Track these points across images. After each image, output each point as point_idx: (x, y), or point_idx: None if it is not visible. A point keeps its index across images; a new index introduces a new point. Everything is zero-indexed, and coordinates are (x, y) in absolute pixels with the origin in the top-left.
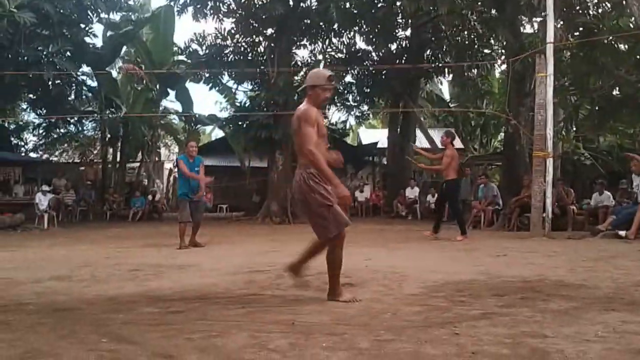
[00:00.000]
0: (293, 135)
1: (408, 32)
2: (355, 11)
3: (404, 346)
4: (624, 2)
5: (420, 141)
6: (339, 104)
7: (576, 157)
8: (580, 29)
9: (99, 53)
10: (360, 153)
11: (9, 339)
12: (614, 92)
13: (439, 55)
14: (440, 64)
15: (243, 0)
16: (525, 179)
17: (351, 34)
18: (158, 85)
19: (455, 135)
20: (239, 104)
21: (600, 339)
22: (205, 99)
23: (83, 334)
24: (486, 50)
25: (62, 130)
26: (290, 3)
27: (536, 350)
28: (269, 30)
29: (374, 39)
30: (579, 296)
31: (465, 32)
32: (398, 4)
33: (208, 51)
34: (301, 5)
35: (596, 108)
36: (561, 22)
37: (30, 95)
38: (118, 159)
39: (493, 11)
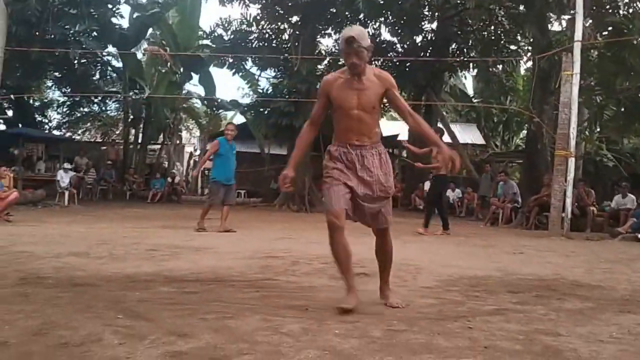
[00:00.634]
0: None
1: (434, 25)
2: (382, 2)
3: (416, 337)
4: None
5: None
6: None
7: (598, 158)
8: (610, 28)
9: (124, 34)
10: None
11: (27, 310)
12: None
13: (464, 49)
14: (465, 59)
15: None
16: (545, 178)
17: (377, 24)
18: (182, 69)
19: (444, 132)
20: (261, 91)
21: (615, 340)
22: (227, 84)
23: (100, 309)
24: (512, 46)
25: (86, 109)
26: None
27: (549, 347)
28: (294, 18)
29: (399, 31)
30: (595, 297)
31: (492, 27)
32: None
33: (233, 36)
34: None
35: (622, 109)
36: (590, 21)
37: (56, 74)
38: (139, 140)
39: (521, 7)
